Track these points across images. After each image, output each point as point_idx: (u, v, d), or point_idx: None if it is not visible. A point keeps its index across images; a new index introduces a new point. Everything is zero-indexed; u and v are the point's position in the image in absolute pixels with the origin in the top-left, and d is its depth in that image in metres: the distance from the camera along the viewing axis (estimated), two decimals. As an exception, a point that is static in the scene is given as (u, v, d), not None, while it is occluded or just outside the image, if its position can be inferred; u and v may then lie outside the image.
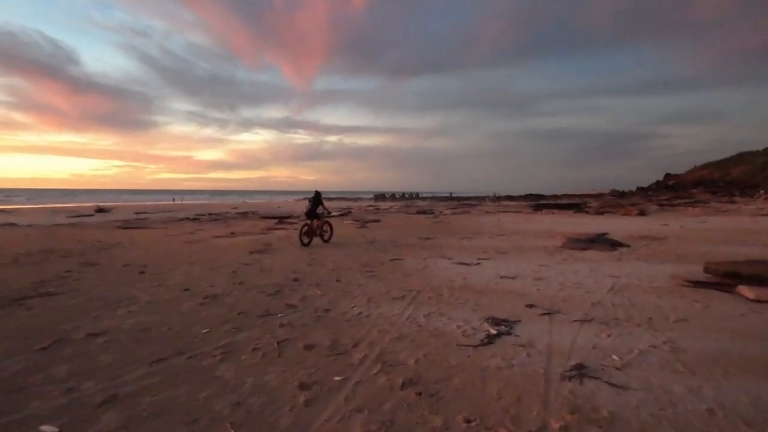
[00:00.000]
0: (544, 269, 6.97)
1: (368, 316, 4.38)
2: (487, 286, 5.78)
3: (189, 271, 7.02)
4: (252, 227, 16.59)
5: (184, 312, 4.58)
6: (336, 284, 5.96)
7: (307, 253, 9.17)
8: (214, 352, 3.41)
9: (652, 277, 6.22)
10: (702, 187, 54.30)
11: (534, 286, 5.73)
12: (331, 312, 4.56)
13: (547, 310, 4.52)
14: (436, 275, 6.55)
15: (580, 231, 13.65)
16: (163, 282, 6.17)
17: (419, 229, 14.91)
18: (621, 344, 3.48)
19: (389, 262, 7.87)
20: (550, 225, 16.61)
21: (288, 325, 4.10)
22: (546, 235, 12.52)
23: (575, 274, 6.49)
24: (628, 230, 13.85)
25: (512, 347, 3.45)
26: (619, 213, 25.63)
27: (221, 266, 7.51)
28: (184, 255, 8.95)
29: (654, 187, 66.44)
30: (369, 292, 5.46)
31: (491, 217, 22.44)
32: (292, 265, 7.54)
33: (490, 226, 16.31)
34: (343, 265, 7.53)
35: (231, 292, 5.53)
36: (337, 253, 9.14)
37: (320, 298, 5.15)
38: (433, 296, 5.20)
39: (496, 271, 6.81)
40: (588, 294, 5.23)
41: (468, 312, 4.50)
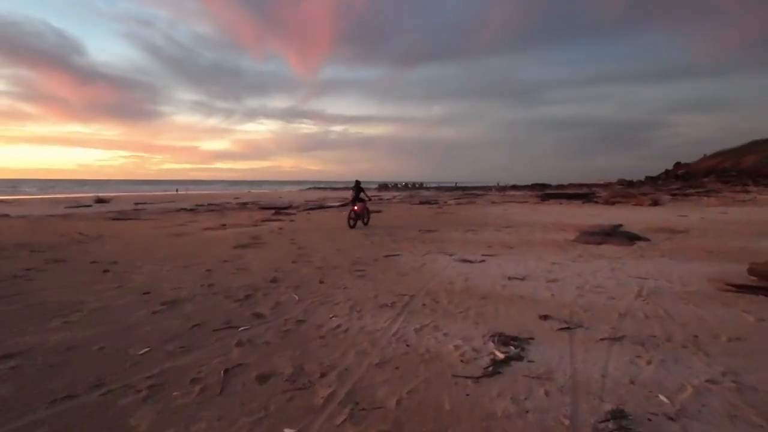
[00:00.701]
0: (557, 268, 6.15)
1: (347, 331, 3.60)
2: (493, 289, 4.98)
3: (159, 270, 6.30)
4: (247, 219, 15.87)
5: (130, 324, 3.84)
6: (318, 287, 5.19)
7: (296, 248, 8.41)
8: (141, 384, 2.65)
9: (685, 278, 5.38)
10: (713, 176, 52.76)
11: (547, 289, 4.92)
12: (303, 324, 3.79)
13: (565, 323, 3.71)
14: (435, 275, 5.75)
15: (593, 223, 12.76)
16: (124, 283, 5.44)
17: (421, 221, 14.10)
18: (667, 377, 2.67)
19: (383, 258, 7.09)
20: (559, 216, 15.72)
21: (247, 344, 3.34)
22: (556, 228, 11.66)
23: (594, 275, 5.66)
24: (644, 222, 12.94)
25: (525, 380, 2.66)
26: (631, 203, 24.61)
27: (198, 263, 6.78)
28: (164, 250, 8.23)
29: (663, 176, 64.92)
30: (354, 297, 4.69)
31: (497, 207, 21.56)
32: (275, 263, 6.79)
33: (495, 217, 15.45)
34: (331, 263, 6.76)
35: (195, 296, 4.78)
36: (328, 247, 8.37)
37: (296, 306, 4.38)
38: (428, 303, 4.41)
39: (502, 271, 6.00)
40: (613, 301, 4.41)
41: (469, 325, 3.71)
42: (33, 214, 18.13)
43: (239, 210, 21.75)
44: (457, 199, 32.20)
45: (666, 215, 15.50)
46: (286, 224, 13.57)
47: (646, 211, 18.74)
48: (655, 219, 14.00)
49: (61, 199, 33.11)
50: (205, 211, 21.08)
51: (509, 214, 16.71)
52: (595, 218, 14.71)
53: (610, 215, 16.05)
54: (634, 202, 24.59)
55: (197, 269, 6.33)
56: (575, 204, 25.08)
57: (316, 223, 13.72)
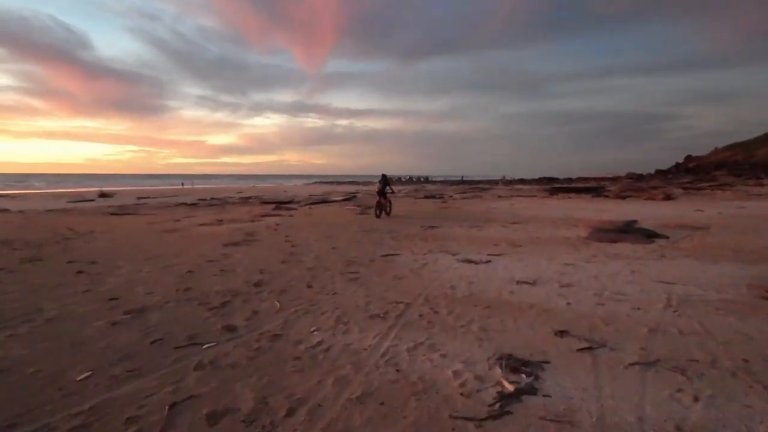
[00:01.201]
0: (571, 270, 5.57)
1: (329, 350, 3.08)
2: (499, 296, 4.42)
3: (138, 270, 5.82)
4: (246, 214, 15.41)
5: (82, 338, 3.34)
6: (305, 292, 4.66)
7: (289, 245, 7.90)
8: (62, 426, 2.15)
9: (717, 283, 4.78)
10: (725, 169, 51.42)
11: (561, 297, 4.35)
12: (279, 340, 3.27)
13: (586, 341, 3.16)
14: (435, 278, 5.21)
15: (605, 218, 12.12)
16: (94, 286, 4.96)
17: (424, 216, 13.53)
18: (724, 421, 2.12)
19: (380, 259, 6.55)
20: (569, 211, 15.07)
21: (208, 366, 2.83)
22: (566, 224, 11.04)
23: (613, 279, 5.08)
24: (660, 217, 12.26)
25: (541, 425, 2.11)
26: (642, 197, 23.82)
27: (181, 263, 6.29)
28: (151, 247, 7.77)
29: (673, 169, 63.60)
30: (343, 305, 4.16)
31: (504, 202, 20.90)
32: (263, 263, 6.28)
33: (502, 212, 14.83)
34: (324, 263, 6.24)
35: (167, 303, 4.28)
36: (323, 245, 7.85)
37: (275, 315, 3.87)
38: (425, 313, 3.87)
39: (510, 273, 5.43)
40: (638, 312, 3.84)
41: (472, 343, 3.17)
42: (32, 209, 17.86)
43: (240, 204, 21.34)
44: (462, 193, 31.54)
45: (681, 210, 14.78)
46: (285, 219, 13.08)
47: (659, 205, 18.01)
48: (671, 214, 13.31)
49: (66, 194, 33.02)
50: (206, 206, 20.69)
51: (516, 209, 16.08)
52: (606, 213, 14.05)
53: (622, 210, 15.37)
54: (646, 197, 23.80)
55: (179, 270, 5.84)
56: (585, 198, 24.34)
57: (316, 219, 13.21)
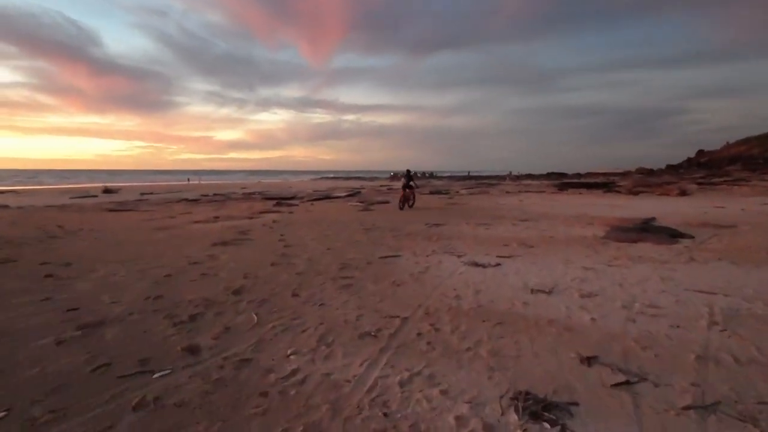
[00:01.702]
0: (591, 276, 4.95)
1: (304, 382, 2.52)
2: (512, 308, 3.83)
3: (112, 274, 5.31)
4: (245, 210, 14.92)
5: (14, 362, 2.81)
6: (289, 302, 4.11)
7: (282, 245, 7.36)
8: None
9: (764, 293, 4.14)
10: (739, 164, 50.04)
11: (584, 310, 3.75)
12: (247, 367, 2.72)
13: (621, 371, 2.56)
14: (438, 285, 4.62)
15: (620, 215, 11.43)
16: (57, 293, 4.46)
17: (429, 213, 12.92)
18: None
19: (379, 261, 5.97)
20: (581, 207, 14.36)
21: (151, 405, 2.28)
22: (580, 221, 10.37)
23: (641, 287, 4.45)
24: (678, 214, 11.54)
25: None
26: (656, 193, 22.99)
27: (161, 266, 5.78)
28: (135, 247, 7.27)
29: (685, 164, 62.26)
30: (330, 319, 3.59)
31: (512, 198, 20.20)
32: (250, 265, 5.74)
33: (511, 209, 14.17)
34: (316, 265, 5.68)
35: (130, 315, 3.75)
36: (318, 245, 7.30)
37: (249, 333, 3.31)
38: (425, 331, 3.29)
39: (522, 279, 4.83)
40: (679, 332, 3.22)
41: (480, 374, 2.59)
42: (32, 205, 17.57)
43: (242, 200, 20.89)
44: (469, 189, 30.84)
45: (699, 206, 14.01)
46: (284, 216, 12.56)
47: (675, 201, 17.21)
48: (690, 211, 12.56)
49: (71, 190, 32.88)
50: (207, 202, 20.31)
51: (526, 206, 15.40)
52: (620, 210, 13.34)
53: (636, 206, 14.64)
54: (660, 192, 22.97)
55: (156, 273, 5.32)
56: (596, 194, 23.55)
57: (316, 215, 12.67)
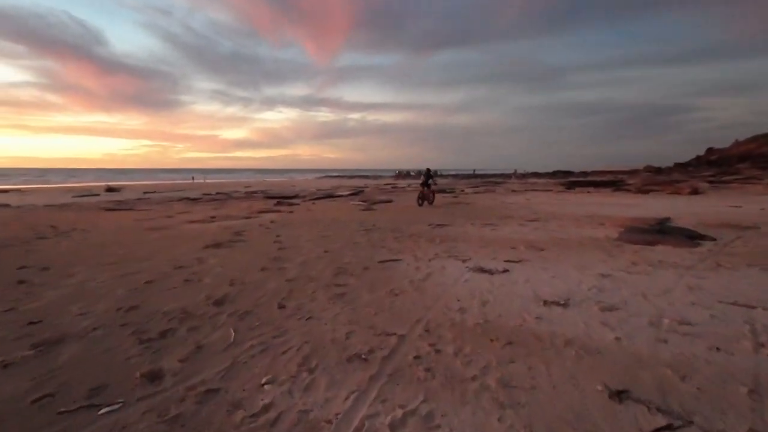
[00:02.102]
0: (609, 284, 4.49)
1: (275, 423, 2.10)
2: (523, 324, 3.39)
3: (89, 280, 4.93)
4: (244, 209, 14.57)
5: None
6: (273, 314, 3.69)
7: (277, 248, 6.96)
8: None
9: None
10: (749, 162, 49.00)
11: (606, 326, 3.30)
12: (212, 401, 2.31)
13: (660, 411, 2.11)
14: (440, 295, 4.19)
15: (633, 215, 10.92)
16: (23, 303, 4.08)
17: (433, 213, 12.48)
18: None
19: (377, 266, 5.54)
20: (591, 207, 13.85)
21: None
22: (591, 221, 9.88)
23: (667, 298, 3.99)
24: (693, 214, 11.01)
25: None
26: (667, 191, 22.36)
27: (144, 270, 5.40)
28: (122, 249, 6.91)
29: (694, 162, 61.19)
30: (316, 336, 3.17)
31: (519, 196, 19.69)
32: (239, 270, 5.34)
33: (518, 208, 13.68)
34: (309, 271, 5.27)
35: (95, 330, 3.36)
36: (315, 247, 6.89)
37: (222, 354, 2.90)
38: (424, 353, 2.86)
39: (533, 288, 4.38)
40: (720, 356, 2.76)
41: (488, 413, 2.15)
42: (31, 205, 17.39)
43: (243, 200, 20.58)
44: (474, 187, 30.35)
45: (714, 205, 13.45)
46: (283, 216, 12.18)
47: (688, 200, 16.63)
48: (705, 210, 12.02)
49: (74, 188, 32.82)
50: (208, 201, 20.04)
51: (533, 205, 14.91)
52: (631, 209, 12.82)
53: (648, 205, 14.11)
54: (671, 191, 22.33)
55: (137, 279, 4.93)
56: (604, 193, 22.98)
57: (316, 215, 12.27)
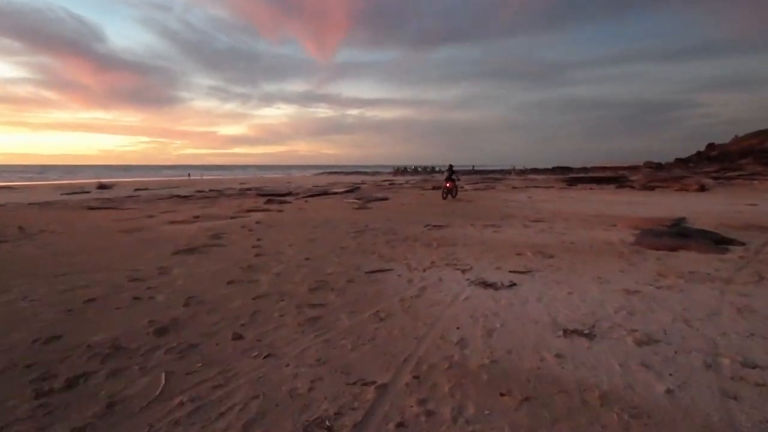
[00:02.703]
0: (639, 304, 3.75)
1: None
2: (541, 366, 2.64)
3: (24, 297, 4.17)
4: (232, 208, 13.79)
5: None
6: (225, 349, 2.94)
7: (254, 254, 6.21)
8: None
9: None
10: (751, 157, 48.42)
11: (648, 370, 2.55)
12: None
13: None
14: (435, 321, 3.44)
15: (644, 215, 10.20)
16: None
17: (430, 212, 11.72)
18: None
19: (363, 278, 4.79)
20: (597, 205, 13.11)
21: None
22: (601, 221, 9.14)
23: (715, 324, 3.25)
24: (710, 214, 10.28)
25: None
26: (674, 188, 21.61)
27: (95, 283, 4.65)
28: (83, 256, 6.16)
29: (695, 158, 60.60)
30: (270, 387, 2.42)
31: (520, 193, 18.94)
32: (203, 283, 4.59)
33: (521, 207, 12.93)
34: (284, 284, 4.51)
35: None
36: (297, 252, 6.14)
37: (135, 418, 2.15)
38: (411, 417, 2.10)
39: (548, 310, 3.64)
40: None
41: None
42: (15, 202, 16.66)
43: (235, 197, 19.81)
44: (474, 184, 29.55)
45: (728, 204, 12.71)
46: (271, 216, 11.43)
47: (696, 197, 15.92)
48: (720, 209, 11.29)
49: (66, 185, 32.06)
50: (199, 198, 19.31)
51: (536, 203, 14.16)
52: (640, 207, 12.09)
53: (656, 203, 13.38)
54: (678, 187, 21.59)
55: (77, 297, 4.17)
56: (608, 189, 22.23)
57: (306, 215, 11.52)
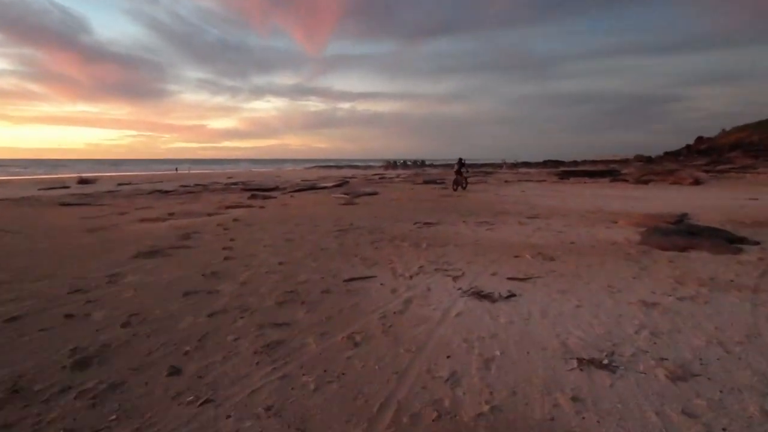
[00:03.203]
0: (660, 319, 3.21)
1: None
2: (555, 411, 2.07)
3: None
4: (214, 203, 13.08)
5: None
6: (152, 392, 2.33)
7: (222, 257, 5.57)
8: None
9: None
10: (739, 151, 48.80)
11: (697, 423, 2.02)
12: None
13: None
14: (422, 346, 2.85)
15: (643, 210, 9.74)
16: None
17: (420, 208, 11.13)
18: None
19: (342, 287, 4.20)
20: (593, 200, 12.64)
21: None
22: (600, 218, 8.64)
23: (754, 344, 2.70)
24: (713, 209, 9.85)
25: None
26: (668, 181, 21.32)
27: (33, 294, 3.99)
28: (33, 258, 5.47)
29: (684, 151, 61.03)
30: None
31: (513, 188, 18.45)
32: (154, 295, 3.96)
33: (515, 202, 12.40)
34: (247, 296, 3.90)
35: None
36: (272, 255, 5.53)
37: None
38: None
39: (555, 329, 3.08)
40: None
41: None
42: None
43: (219, 192, 19.08)
44: (466, 177, 29.05)
45: (726, 198, 12.33)
46: (252, 212, 10.77)
47: (693, 191, 15.56)
48: (722, 203, 10.89)
49: (45, 180, 30.94)
50: (182, 193, 18.56)
51: (530, 197, 13.66)
52: (638, 202, 11.64)
53: (654, 198, 12.96)
54: (672, 180, 21.31)
55: (3, 313, 3.53)
56: (602, 183, 21.88)
57: (289, 211, 10.87)
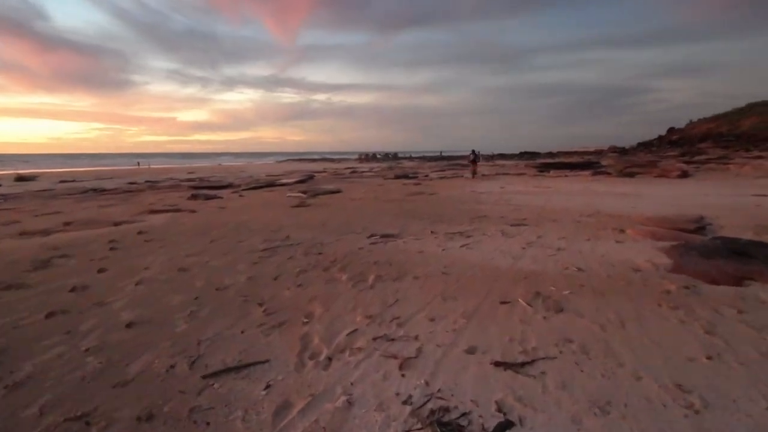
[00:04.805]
0: None
1: None
2: None
3: None
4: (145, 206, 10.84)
5: None
6: None
7: (52, 308, 3.55)
8: None
9: None
10: (710, 141, 49.31)
11: None
12: None
13: None
14: None
15: (647, 211, 8.19)
16: None
17: (384, 210, 9.24)
18: None
19: (183, 403, 2.30)
20: (583, 198, 11.05)
21: None
22: (601, 224, 6.97)
23: None
24: (723, 207, 8.40)
25: None
26: (653, 174, 20.19)
27: None
28: None
29: (656, 142, 61.61)
30: None
31: (491, 183, 16.79)
32: None
33: (494, 201, 10.67)
34: None
35: None
36: (133, 301, 3.55)
37: None
38: None
39: None
40: None
41: None
42: None
43: (163, 190, 16.80)
44: (440, 171, 27.40)
45: (729, 194, 10.98)
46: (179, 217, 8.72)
47: (686, 186, 14.27)
48: (728, 202, 9.47)
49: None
50: (119, 192, 16.25)
51: (512, 195, 11.98)
52: (634, 200, 10.13)
53: (649, 194, 11.50)
54: (657, 173, 20.19)
55: None
56: (584, 177, 20.52)
57: (222, 217, 8.80)
